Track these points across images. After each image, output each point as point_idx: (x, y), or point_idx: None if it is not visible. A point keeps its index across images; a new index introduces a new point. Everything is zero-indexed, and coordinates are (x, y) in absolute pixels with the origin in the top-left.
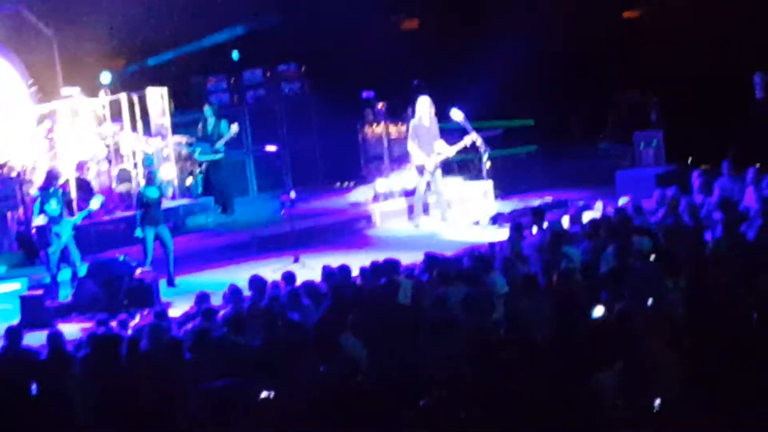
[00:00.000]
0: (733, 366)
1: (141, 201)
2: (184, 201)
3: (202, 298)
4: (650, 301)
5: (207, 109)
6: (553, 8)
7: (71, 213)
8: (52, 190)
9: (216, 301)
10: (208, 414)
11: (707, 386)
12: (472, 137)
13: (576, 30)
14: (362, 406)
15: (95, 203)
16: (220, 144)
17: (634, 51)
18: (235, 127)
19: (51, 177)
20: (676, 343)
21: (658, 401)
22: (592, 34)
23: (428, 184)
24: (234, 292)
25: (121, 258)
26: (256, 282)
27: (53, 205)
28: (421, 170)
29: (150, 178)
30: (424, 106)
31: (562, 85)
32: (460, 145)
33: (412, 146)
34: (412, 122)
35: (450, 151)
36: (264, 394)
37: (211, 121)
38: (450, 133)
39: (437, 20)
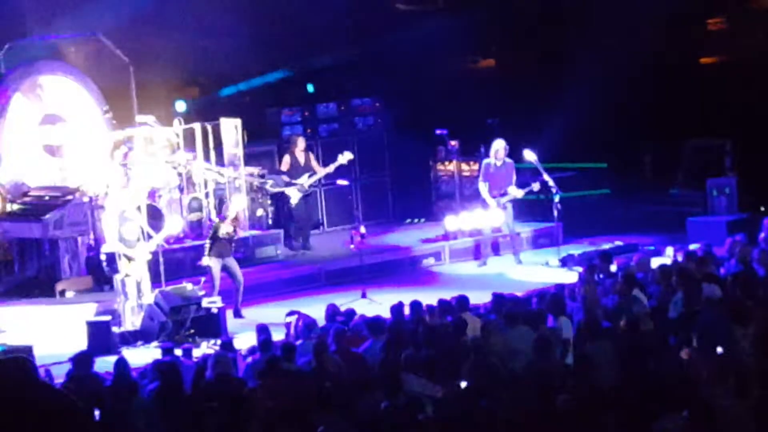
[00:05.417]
0: None
1: (214, 232)
2: (254, 232)
3: (262, 329)
4: (719, 349)
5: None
6: (629, 52)
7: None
8: (128, 214)
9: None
10: None
11: None
12: (544, 180)
13: (652, 74)
14: None
15: (174, 225)
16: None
17: (709, 97)
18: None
19: (129, 202)
20: (745, 392)
21: None
22: (667, 79)
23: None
24: (307, 325)
25: (189, 287)
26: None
27: (129, 229)
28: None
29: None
30: (497, 148)
31: (636, 129)
32: (529, 188)
33: (481, 186)
34: (485, 162)
35: (518, 192)
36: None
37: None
38: (522, 173)
39: (514, 61)
